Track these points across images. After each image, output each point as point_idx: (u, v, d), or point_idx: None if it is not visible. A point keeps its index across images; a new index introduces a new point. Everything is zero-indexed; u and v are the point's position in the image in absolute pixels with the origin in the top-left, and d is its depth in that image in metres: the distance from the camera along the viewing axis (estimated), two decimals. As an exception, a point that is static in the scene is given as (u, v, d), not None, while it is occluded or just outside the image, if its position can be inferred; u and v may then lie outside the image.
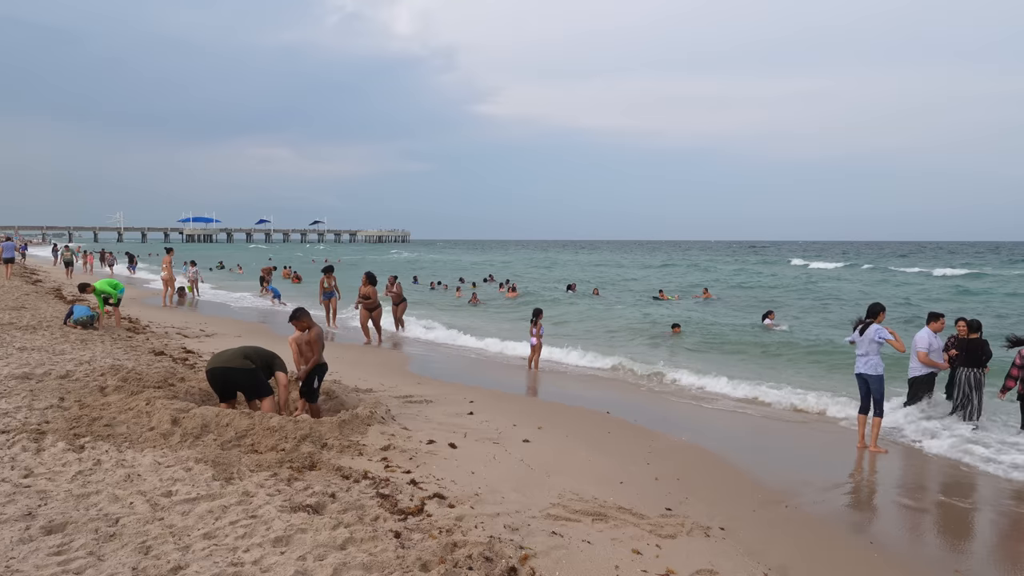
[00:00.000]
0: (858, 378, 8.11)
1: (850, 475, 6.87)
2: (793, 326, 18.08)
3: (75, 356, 9.57)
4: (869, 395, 7.92)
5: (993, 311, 21.94)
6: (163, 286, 20.60)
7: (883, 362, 7.91)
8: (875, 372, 7.90)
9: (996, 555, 5.06)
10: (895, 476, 6.95)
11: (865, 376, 7.96)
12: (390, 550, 3.98)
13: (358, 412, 7.11)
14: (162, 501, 4.59)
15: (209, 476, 5.08)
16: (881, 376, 7.93)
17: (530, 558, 4.19)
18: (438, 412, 8.18)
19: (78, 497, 4.59)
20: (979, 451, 7.36)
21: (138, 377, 8.07)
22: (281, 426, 6.22)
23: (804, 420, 8.98)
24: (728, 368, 11.93)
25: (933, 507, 5.96)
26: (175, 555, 3.83)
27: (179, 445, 5.85)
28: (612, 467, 6.47)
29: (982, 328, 8.90)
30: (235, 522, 4.31)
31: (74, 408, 6.71)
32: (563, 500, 5.35)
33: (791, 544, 4.98)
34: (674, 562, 4.39)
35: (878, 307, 8.19)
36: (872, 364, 7.91)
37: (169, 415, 6.30)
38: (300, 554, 3.90)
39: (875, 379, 7.89)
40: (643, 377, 11.51)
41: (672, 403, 9.77)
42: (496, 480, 5.76)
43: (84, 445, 5.68)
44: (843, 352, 13.07)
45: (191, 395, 7.48)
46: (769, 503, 5.81)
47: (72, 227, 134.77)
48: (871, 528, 5.50)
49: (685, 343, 15.49)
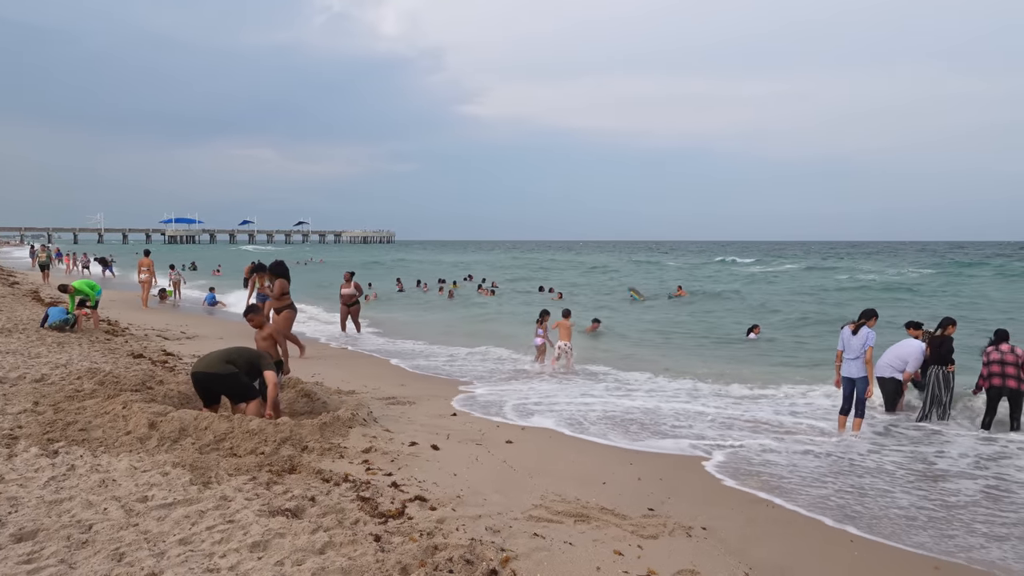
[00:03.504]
0: (844, 380, 8.17)
1: (831, 473, 6.91)
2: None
3: (51, 359, 9.41)
4: (852, 395, 7.97)
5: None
6: (142, 288, 20.36)
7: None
8: (864, 374, 7.98)
9: (978, 553, 5.10)
10: (877, 474, 7.00)
11: (853, 379, 8.02)
12: (370, 554, 3.94)
13: (339, 414, 7.05)
14: (137, 507, 4.51)
15: (186, 480, 5.00)
16: (866, 378, 8.02)
17: (511, 560, 4.17)
18: (421, 414, 8.14)
19: (50, 503, 4.50)
20: (953, 450, 7.44)
21: (115, 380, 7.94)
22: (261, 429, 6.15)
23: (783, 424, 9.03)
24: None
25: (916, 504, 6.00)
26: (149, 561, 3.75)
27: (156, 449, 5.76)
28: (595, 467, 6.46)
29: (949, 325, 9.02)
30: (212, 527, 4.24)
31: (48, 412, 6.59)
32: (545, 501, 5.33)
33: (773, 542, 4.99)
34: (656, 563, 4.38)
35: (872, 311, 8.30)
36: (861, 366, 7.98)
37: (146, 419, 6.20)
38: (278, 559, 3.85)
39: (862, 380, 7.96)
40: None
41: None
42: (478, 482, 5.73)
43: (58, 450, 5.58)
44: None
45: (170, 398, 7.38)
46: (751, 502, 5.83)
47: (51, 228, 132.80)
48: (853, 525, 5.53)
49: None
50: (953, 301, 26.00)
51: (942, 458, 7.28)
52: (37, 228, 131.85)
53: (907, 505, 5.90)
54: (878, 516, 5.65)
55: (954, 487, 6.39)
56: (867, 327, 8.12)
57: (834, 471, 6.78)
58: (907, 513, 5.73)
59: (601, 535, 4.75)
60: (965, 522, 5.58)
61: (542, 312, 13.05)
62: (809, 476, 6.59)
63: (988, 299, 26.44)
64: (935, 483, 6.52)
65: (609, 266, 52.66)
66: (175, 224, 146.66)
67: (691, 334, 17.61)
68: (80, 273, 34.29)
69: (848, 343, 8.16)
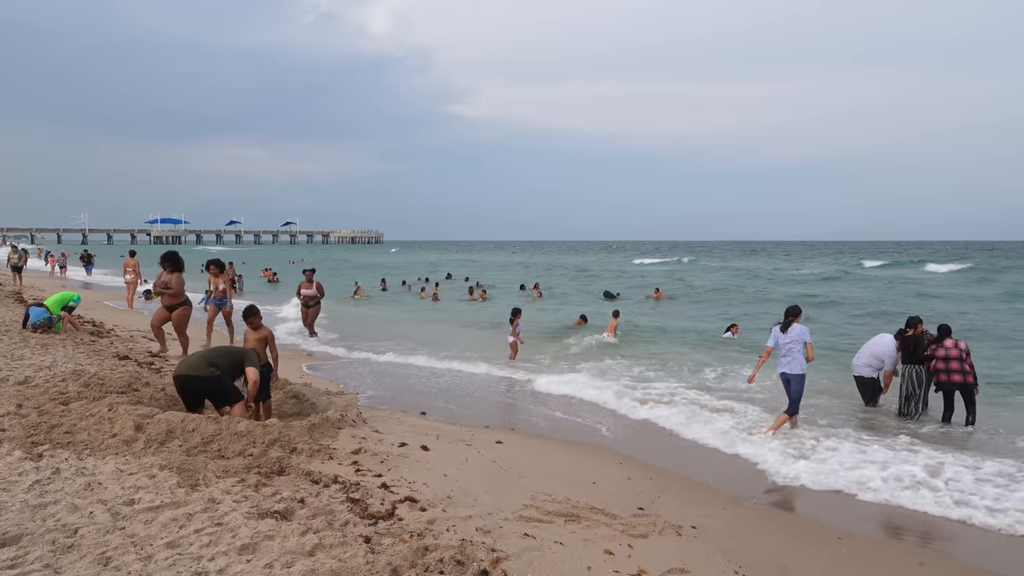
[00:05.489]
0: (782, 377, 8.14)
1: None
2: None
3: (35, 361, 9.28)
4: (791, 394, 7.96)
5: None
6: (127, 289, 20.16)
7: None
8: (799, 371, 7.97)
9: (960, 549, 5.16)
10: (862, 472, 7.05)
11: (789, 375, 8.03)
12: (360, 555, 3.92)
13: (328, 415, 7.01)
14: (124, 510, 4.45)
15: (174, 483, 4.95)
16: (803, 376, 7.99)
17: (502, 561, 4.16)
18: (411, 414, 8.11)
19: (35, 507, 4.43)
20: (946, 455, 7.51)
21: (101, 382, 7.84)
22: (249, 431, 6.10)
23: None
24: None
25: (897, 502, 6.06)
26: (136, 565, 3.71)
27: (143, 452, 5.70)
28: (585, 467, 6.47)
29: (921, 323, 9.14)
30: (200, 530, 4.20)
31: (32, 415, 6.50)
32: (536, 501, 5.33)
33: (762, 540, 5.02)
34: (646, 562, 4.39)
35: (797, 308, 8.35)
36: (797, 363, 7.99)
37: (132, 421, 6.13)
38: (267, 561, 3.82)
39: (797, 378, 7.95)
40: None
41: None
42: (468, 482, 5.72)
43: (42, 453, 5.50)
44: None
45: (156, 400, 7.30)
46: (740, 500, 5.86)
47: (35, 228, 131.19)
48: (840, 524, 5.57)
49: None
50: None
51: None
52: (20, 228, 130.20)
53: (889, 503, 5.96)
54: (865, 514, 5.70)
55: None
56: (797, 323, 8.14)
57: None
58: (884, 509, 5.79)
59: (591, 535, 4.76)
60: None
61: (514, 310, 13.12)
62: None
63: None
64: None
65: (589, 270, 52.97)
66: (161, 224, 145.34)
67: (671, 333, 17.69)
68: (58, 273, 33.71)
69: (779, 341, 8.18)
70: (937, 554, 5.02)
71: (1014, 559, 4.97)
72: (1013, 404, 9.51)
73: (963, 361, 8.46)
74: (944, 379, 8.56)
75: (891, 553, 5.01)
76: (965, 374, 8.43)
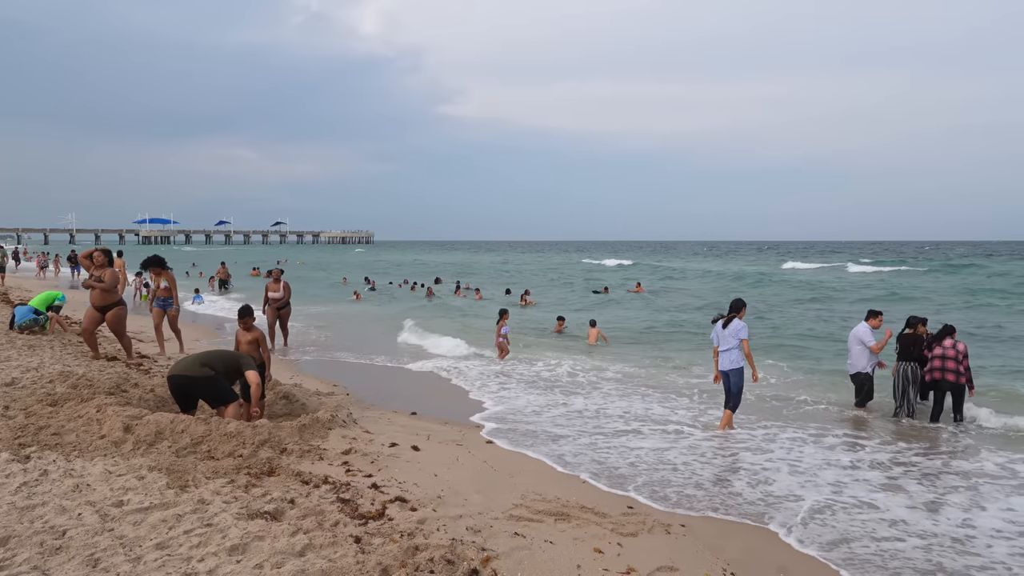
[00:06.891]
0: (723, 375, 8.15)
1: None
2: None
3: (22, 363, 9.21)
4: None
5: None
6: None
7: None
8: (738, 366, 7.99)
9: (942, 543, 5.22)
10: (851, 470, 7.12)
11: (728, 371, 8.04)
12: (350, 555, 3.93)
13: (319, 416, 7.00)
14: (112, 511, 4.44)
15: (163, 484, 4.94)
16: (742, 370, 8.01)
17: (492, 560, 4.18)
18: (402, 415, 8.11)
19: (22, 509, 4.41)
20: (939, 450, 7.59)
21: (89, 383, 7.79)
22: (239, 432, 6.08)
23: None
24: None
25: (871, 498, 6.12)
26: (126, 567, 3.71)
27: (132, 453, 5.67)
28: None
29: (922, 324, 9.21)
30: (189, 531, 4.19)
31: (20, 416, 6.46)
32: (526, 500, 5.35)
33: (752, 539, 5.06)
34: (635, 560, 4.42)
35: (740, 303, 8.33)
36: (735, 359, 8.01)
37: (121, 422, 6.10)
38: (257, 562, 3.82)
39: (736, 372, 7.98)
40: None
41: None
42: (459, 482, 5.73)
43: (30, 455, 5.47)
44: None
45: (145, 401, 7.27)
46: (731, 499, 5.90)
47: (21, 228, 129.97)
48: (830, 524, 5.62)
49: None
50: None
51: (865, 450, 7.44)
52: (6, 228, 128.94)
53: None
54: (851, 513, 5.75)
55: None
56: (737, 319, 8.13)
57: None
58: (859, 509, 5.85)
59: (581, 533, 4.78)
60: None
61: (501, 311, 13.23)
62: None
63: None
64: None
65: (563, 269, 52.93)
66: (149, 225, 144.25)
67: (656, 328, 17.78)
68: (40, 275, 33.40)
69: (720, 337, 8.19)
70: (918, 552, 5.06)
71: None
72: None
73: (959, 362, 8.51)
74: (938, 377, 8.59)
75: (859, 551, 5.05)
76: (959, 375, 8.49)
